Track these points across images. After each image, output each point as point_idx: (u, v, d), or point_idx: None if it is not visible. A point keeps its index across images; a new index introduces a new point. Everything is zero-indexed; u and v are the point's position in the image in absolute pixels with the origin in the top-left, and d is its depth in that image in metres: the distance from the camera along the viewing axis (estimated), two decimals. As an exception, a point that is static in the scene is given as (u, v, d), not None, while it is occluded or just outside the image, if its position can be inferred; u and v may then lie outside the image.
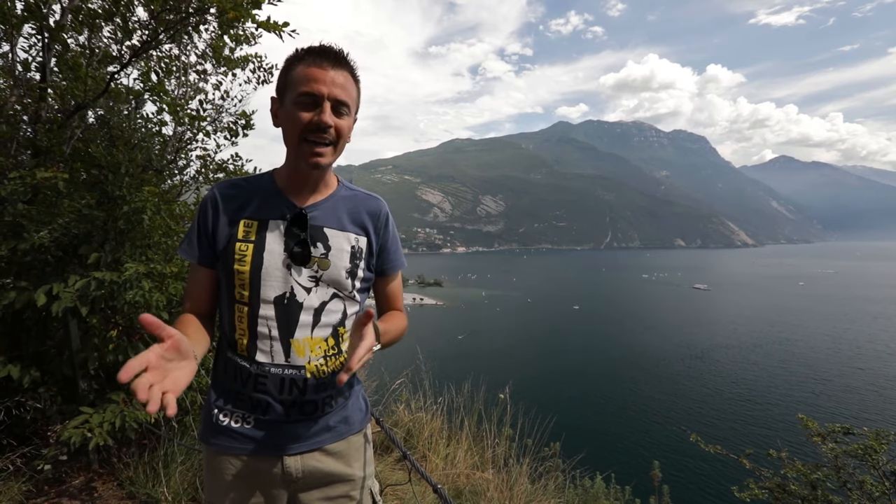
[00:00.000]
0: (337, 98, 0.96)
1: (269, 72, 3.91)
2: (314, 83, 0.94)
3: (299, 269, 1.03)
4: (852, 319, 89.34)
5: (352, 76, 1.01)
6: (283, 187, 1.08)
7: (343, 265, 1.07)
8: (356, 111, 1.06)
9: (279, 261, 1.02)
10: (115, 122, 3.14)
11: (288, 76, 0.98)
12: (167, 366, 0.75)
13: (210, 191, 1.09)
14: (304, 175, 1.05)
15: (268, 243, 1.02)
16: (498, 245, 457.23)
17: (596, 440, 33.53)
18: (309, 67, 0.95)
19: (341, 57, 0.97)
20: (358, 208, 1.14)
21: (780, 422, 37.76)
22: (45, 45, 2.64)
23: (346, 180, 1.19)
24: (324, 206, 1.09)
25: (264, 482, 1.05)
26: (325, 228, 1.07)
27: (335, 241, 1.08)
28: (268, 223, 1.04)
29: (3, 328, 2.55)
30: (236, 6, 2.66)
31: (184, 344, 0.79)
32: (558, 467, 3.17)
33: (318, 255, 1.05)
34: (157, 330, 0.73)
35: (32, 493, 2.35)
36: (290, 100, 0.97)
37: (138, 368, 0.66)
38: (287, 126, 0.99)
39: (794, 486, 3.01)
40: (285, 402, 1.02)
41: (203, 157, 3.96)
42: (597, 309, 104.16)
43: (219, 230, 1.04)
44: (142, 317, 0.70)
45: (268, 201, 1.06)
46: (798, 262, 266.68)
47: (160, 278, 2.70)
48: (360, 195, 1.17)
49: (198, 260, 1.06)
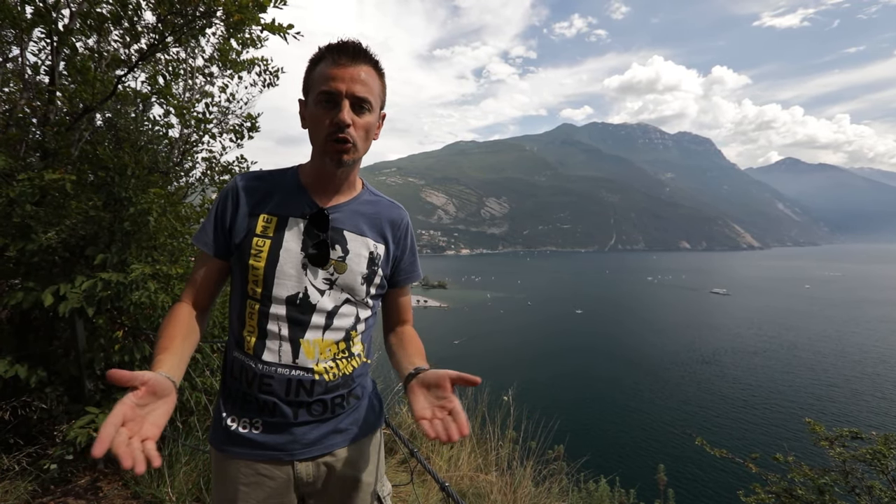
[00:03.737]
0: (355, 94, 0.93)
1: (274, 75, 3.93)
2: (332, 81, 0.92)
3: (315, 271, 1.01)
4: (858, 323, 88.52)
5: (374, 69, 0.97)
6: (307, 184, 1.05)
7: (360, 270, 1.05)
8: (382, 105, 1.03)
9: (295, 260, 0.99)
10: (123, 125, 3.17)
11: (310, 77, 0.97)
12: (143, 411, 0.73)
13: (232, 181, 1.06)
14: (329, 174, 1.03)
15: (285, 241, 1.00)
16: (502, 247, 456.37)
17: (600, 443, 33.37)
18: (328, 66, 0.93)
19: (360, 51, 0.94)
20: (379, 215, 1.11)
21: (785, 426, 37.44)
22: (55, 48, 2.67)
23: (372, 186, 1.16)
24: (346, 209, 1.06)
25: (275, 488, 1.02)
26: (345, 231, 1.04)
27: (354, 245, 1.05)
28: (287, 220, 1.01)
29: (11, 328, 2.58)
30: (241, 9, 2.69)
31: (160, 384, 0.77)
32: (562, 470, 3.15)
33: (335, 258, 1.02)
34: (129, 382, 0.72)
35: (38, 493, 2.37)
36: (312, 100, 0.96)
37: (112, 433, 0.64)
38: (311, 126, 0.98)
39: (801, 490, 2.98)
40: (292, 403, 0.99)
41: (209, 160, 3.98)
42: (600, 312, 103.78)
43: (237, 223, 1.02)
44: (109, 373, 0.69)
45: (290, 197, 1.04)
46: (804, 265, 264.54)
47: (166, 279, 2.72)
48: (384, 202, 1.14)
49: (213, 251, 1.03)
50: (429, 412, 0.85)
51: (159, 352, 0.90)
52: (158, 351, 0.90)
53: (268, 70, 3.89)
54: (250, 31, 3.28)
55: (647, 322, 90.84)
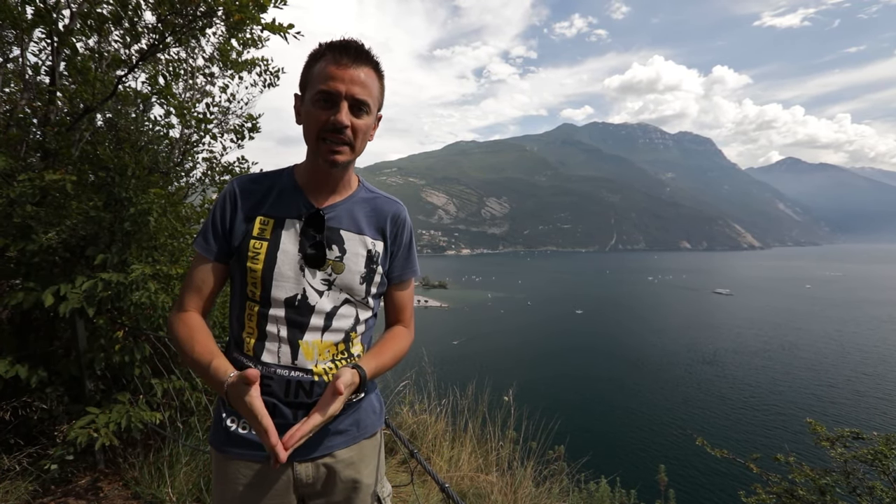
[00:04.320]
0: (355, 96, 0.93)
1: (275, 75, 3.94)
2: (332, 81, 0.91)
3: (313, 272, 1.01)
4: (859, 323, 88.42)
5: (374, 71, 0.97)
6: (302, 185, 1.05)
7: (358, 270, 1.05)
8: (379, 108, 1.02)
9: (293, 261, 0.99)
10: (123, 125, 3.17)
11: (309, 73, 0.96)
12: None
13: (230, 185, 1.06)
14: (324, 173, 1.02)
15: (282, 242, 1.00)
16: (503, 247, 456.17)
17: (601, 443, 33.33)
18: (328, 65, 0.92)
19: (362, 52, 0.94)
20: (377, 211, 1.11)
21: (786, 426, 37.39)
22: (55, 49, 2.67)
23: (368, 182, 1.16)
24: (342, 208, 1.06)
25: (274, 489, 1.02)
26: (341, 231, 1.04)
27: (351, 244, 1.05)
28: (284, 221, 1.01)
29: (12, 328, 2.58)
30: (242, 9, 2.69)
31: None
32: (563, 470, 3.14)
33: (332, 258, 1.02)
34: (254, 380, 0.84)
35: (39, 493, 2.37)
36: (309, 97, 0.95)
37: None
38: (306, 124, 0.97)
39: (802, 491, 2.97)
40: (291, 404, 0.99)
41: (209, 160, 3.99)
42: (601, 312, 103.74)
43: (235, 226, 1.02)
44: (248, 373, 0.82)
45: (285, 198, 1.04)
46: (805, 265, 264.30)
47: (166, 280, 2.72)
48: (381, 198, 1.14)
49: (215, 256, 1.03)
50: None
51: (215, 357, 0.93)
52: (214, 356, 0.93)
53: (268, 70, 3.89)
54: (251, 31, 3.28)
55: (647, 322, 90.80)
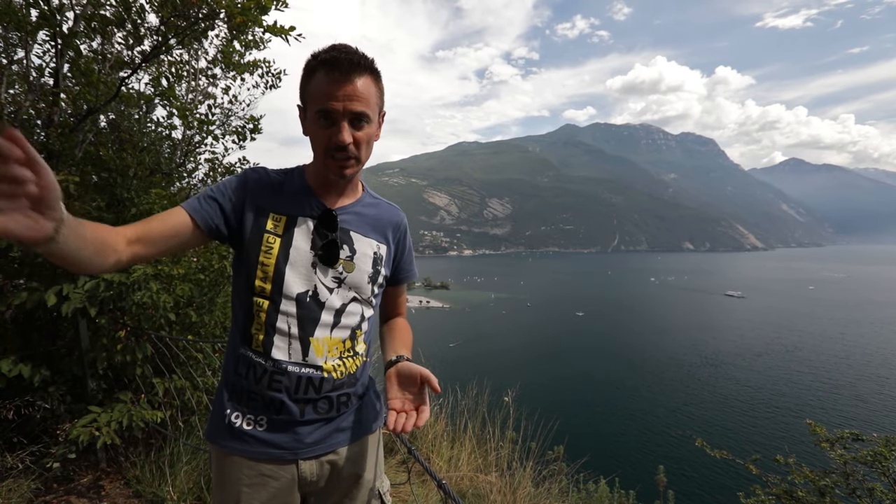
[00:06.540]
0: (353, 111, 0.93)
1: (276, 77, 3.96)
2: (328, 100, 0.92)
3: (325, 270, 1.03)
4: (862, 324, 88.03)
5: (370, 76, 0.96)
6: (313, 186, 1.07)
7: (366, 270, 1.08)
8: (380, 110, 1.03)
9: (306, 258, 1.01)
10: (126, 126, 3.19)
11: (306, 88, 0.96)
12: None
13: (246, 173, 1.06)
14: (332, 180, 1.05)
15: (295, 239, 1.01)
16: (505, 248, 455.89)
17: (600, 444, 33.29)
18: (322, 82, 0.92)
19: (353, 61, 0.92)
20: (381, 217, 1.15)
21: (786, 428, 37.24)
22: (59, 51, 2.70)
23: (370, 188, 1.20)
24: (351, 211, 1.10)
25: (279, 489, 1.02)
26: (351, 232, 1.08)
27: (360, 245, 1.09)
28: (297, 219, 1.03)
29: (15, 328, 2.60)
30: (244, 11, 2.70)
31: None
32: (562, 471, 3.15)
33: (344, 258, 1.05)
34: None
35: (41, 491, 2.39)
36: (310, 115, 0.96)
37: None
38: (311, 140, 0.99)
39: (801, 492, 2.97)
40: (300, 401, 1.01)
41: (211, 161, 4.01)
42: (602, 313, 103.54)
43: (245, 215, 1.01)
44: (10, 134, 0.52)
45: (297, 198, 1.05)
46: (808, 266, 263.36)
47: (168, 280, 2.74)
48: (384, 205, 1.18)
49: (200, 217, 0.95)
50: (399, 403, 0.94)
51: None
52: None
53: (270, 72, 3.91)
54: (253, 33, 3.30)
55: (647, 323, 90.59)
